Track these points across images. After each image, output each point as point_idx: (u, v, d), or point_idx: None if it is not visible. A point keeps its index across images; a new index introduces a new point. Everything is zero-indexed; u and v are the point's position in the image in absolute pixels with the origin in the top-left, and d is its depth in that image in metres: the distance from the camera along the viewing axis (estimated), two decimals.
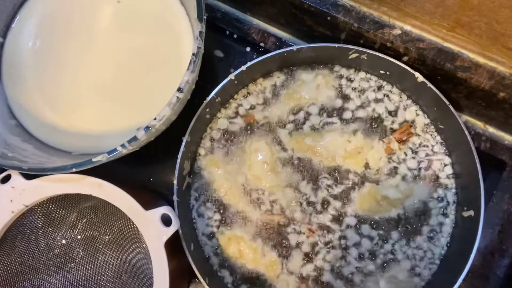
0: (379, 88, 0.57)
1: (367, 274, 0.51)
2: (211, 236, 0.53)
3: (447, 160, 0.54)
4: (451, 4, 0.45)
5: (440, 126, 0.54)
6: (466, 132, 0.50)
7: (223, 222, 0.53)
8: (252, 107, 0.56)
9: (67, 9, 0.54)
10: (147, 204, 0.46)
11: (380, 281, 0.51)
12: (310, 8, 0.53)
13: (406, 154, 0.54)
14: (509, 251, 0.54)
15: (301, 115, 0.56)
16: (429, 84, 0.51)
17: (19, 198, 0.46)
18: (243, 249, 0.52)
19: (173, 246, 0.46)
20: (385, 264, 0.52)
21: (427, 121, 0.55)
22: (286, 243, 0.52)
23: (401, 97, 0.56)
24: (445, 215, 0.53)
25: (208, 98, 0.51)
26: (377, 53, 0.52)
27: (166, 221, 0.45)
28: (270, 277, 0.52)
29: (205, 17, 0.45)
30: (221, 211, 0.54)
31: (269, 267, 0.52)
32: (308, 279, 0.52)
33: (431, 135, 0.55)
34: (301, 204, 0.53)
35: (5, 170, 0.46)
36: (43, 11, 0.54)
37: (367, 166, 0.54)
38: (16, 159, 0.45)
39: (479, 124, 0.58)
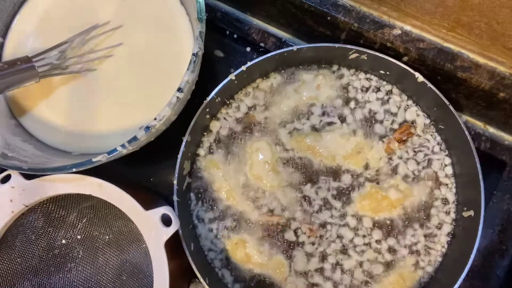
0: (379, 88, 0.57)
1: (369, 275, 0.51)
2: (212, 235, 0.53)
3: (447, 160, 0.54)
4: (451, 4, 0.45)
5: (440, 126, 0.54)
6: (466, 132, 0.50)
7: (223, 221, 0.53)
8: (253, 107, 0.56)
9: (67, 9, 0.54)
10: (147, 204, 0.46)
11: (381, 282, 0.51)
12: (310, 8, 0.53)
13: (407, 154, 0.54)
14: (509, 251, 0.54)
15: (301, 115, 0.56)
16: (429, 84, 0.51)
17: (19, 198, 0.46)
18: (250, 251, 0.52)
19: (173, 246, 0.46)
20: (387, 264, 0.52)
21: (427, 121, 0.55)
22: (287, 243, 0.52)
23: (401, 97, 0.56)
24: (445, 215, 0.53)
25: (208, 98, 0.51)
26: (377, 53, 0.52)
27: (166, 221, 0.45)
28: (277, 280, 0.52)
29: (205, 17, 0.45)
30: (221, 211, 0.54)
31: (277, 270, 0.52)
32: (312, 279, 0.52)
33: (431, 135, 0.55)
34: (301, 204, 0.53)
35: (5, 170, 0.46)
36: (43, 10, 0.54)
37: (367, 166, 0.54)
38: (16, 159, 0.45)
39: (479, 124, 0.58)
